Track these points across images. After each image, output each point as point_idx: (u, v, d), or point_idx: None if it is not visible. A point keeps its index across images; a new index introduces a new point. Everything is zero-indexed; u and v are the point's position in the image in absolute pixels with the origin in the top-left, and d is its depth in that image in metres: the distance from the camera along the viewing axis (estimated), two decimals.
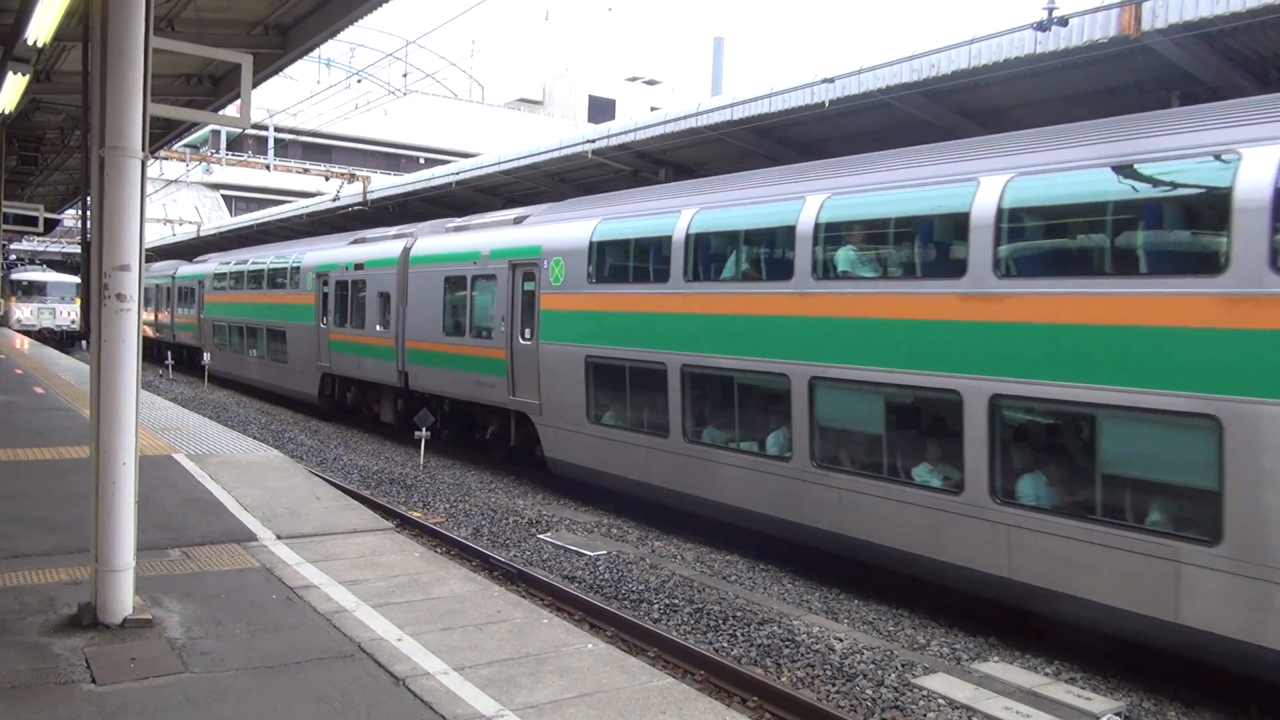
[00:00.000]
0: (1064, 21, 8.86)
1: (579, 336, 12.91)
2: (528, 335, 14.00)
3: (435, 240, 17.48)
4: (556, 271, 13.28)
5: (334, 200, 25.70)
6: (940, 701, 6.94)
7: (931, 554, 8.66)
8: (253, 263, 26.32)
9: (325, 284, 20.90)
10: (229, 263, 28.73)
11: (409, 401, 18.14)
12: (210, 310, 29.59)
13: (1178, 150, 7.26)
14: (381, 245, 19.18)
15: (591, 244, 12.77)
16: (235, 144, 46.13)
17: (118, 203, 5.47)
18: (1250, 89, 8.96)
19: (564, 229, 13.53)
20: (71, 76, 11.62)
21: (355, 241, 20.59)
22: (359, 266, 19.47)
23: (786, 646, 7.92)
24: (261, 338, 25.24)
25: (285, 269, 23.43)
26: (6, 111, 12.12)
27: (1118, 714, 6.86)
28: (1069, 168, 7.92)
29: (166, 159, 31.00)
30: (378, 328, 18.44)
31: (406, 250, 17.87)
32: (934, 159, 9.26)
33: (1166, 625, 6.95)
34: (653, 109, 22.60)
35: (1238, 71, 9.11)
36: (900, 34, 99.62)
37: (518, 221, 15.11)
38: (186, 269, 33.55)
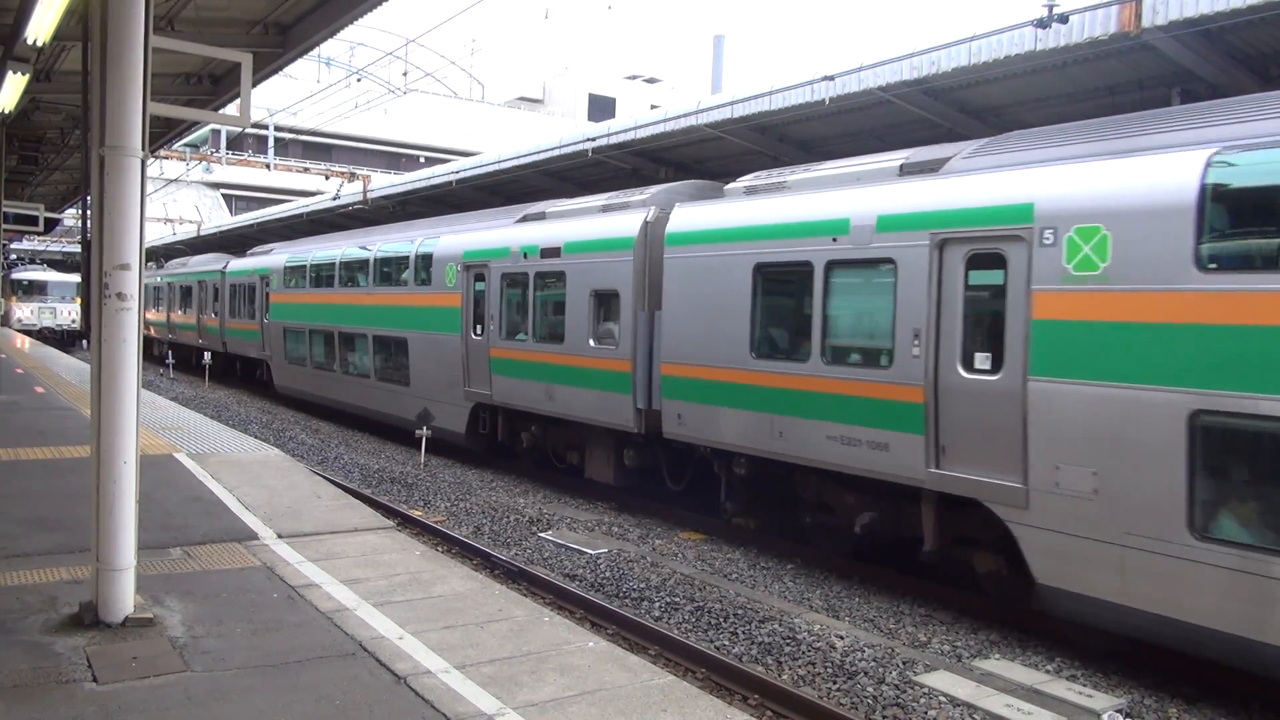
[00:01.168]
0: (1064, 18, 8.86)
1: (1163, 373, 6.96)
2: (985, 364, 8.20)
3: (721, 209, 11.12)
4: (1084, 251, 7.43)
5: (334, 199, 25.69)
6: (941, 699, 6.94)
7: None
8: (348, 253, 20.24)
9: (481, 279, 15.15)
10: (308, 253, 22.33)
11: (650, 454, 12.56)
12: (279, 313, 23.37)
13: None
14: (594, 222, 13.15)
15: (1206, 190, 6.84)
16: (235, 143, 46.12)
17: (118, 202, 5.48)
18: (1251, 86, 8.97)
19: (1098, 174, 7.57)
20: (71, 76, 11.61)
21: (527, 219, 14.85)
22: (550, 253, 13.60)
23: (788, 644, 7.92)
24: (364, 351, 19.18)
25: (405, 259, 17.59)
26: (6, 111, 12.11)
27: (1119, 711, 6.86)
28: None
29: (166, 158, 30.93)
30: (592, 343, 12.73)
31: (651, 224, 12.06)
32: None
33: None
34: (653, 107, 22.50)
35: (1238, 68, 9.11)
36: (900, 32, 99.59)
37: (913, 171, 9.27)
38: (241, 263, 27.31)
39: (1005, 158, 8.55)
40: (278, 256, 24.17)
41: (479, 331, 15.19)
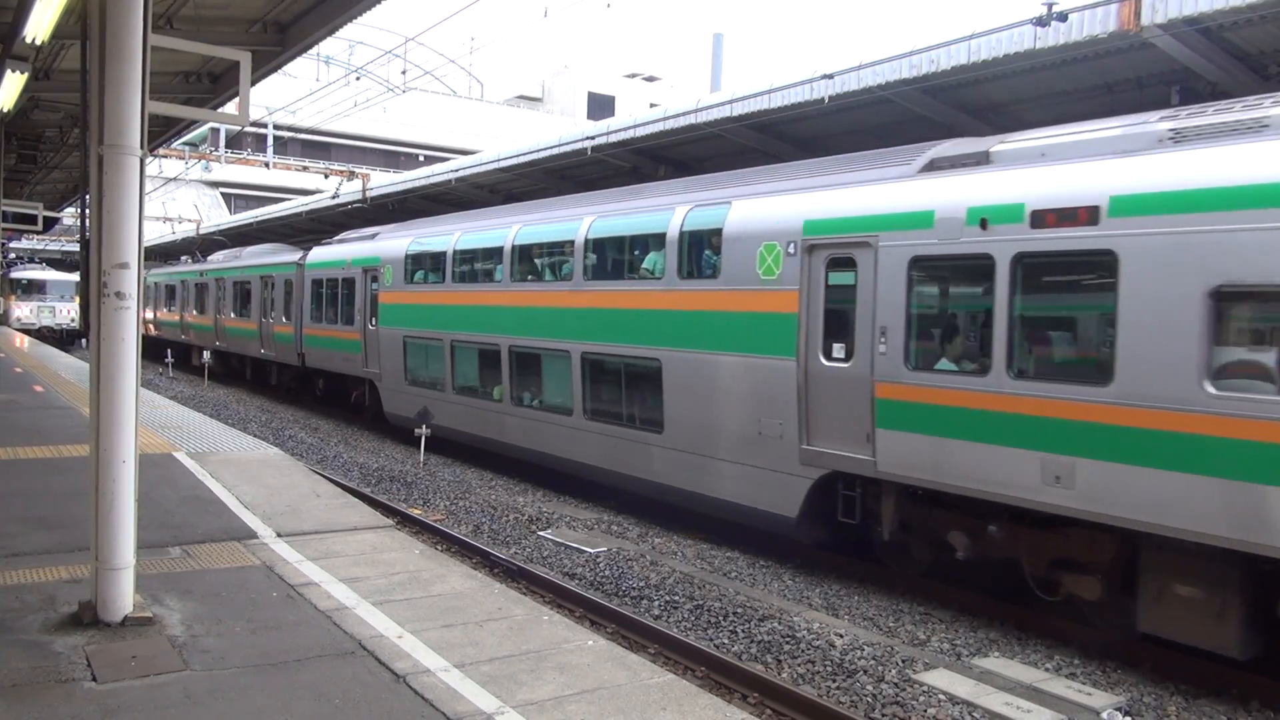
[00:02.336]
0: (1063, 17, 8.88)
1: None
2: None
3: None
4: None
5: (334, 198, 25.70)
6: (941, 697, 6.94)
7: None
8: (529, 231, 14.29)
9: (843, 266, 9.36)
10: (449, 234, 16.31)
11: None
12: (395, 318, 17.71)
13: None
14: (1173, 160, 7.26)
15: None
16: (234, 142, 46.12)
17: (117, 201, 5.47)
18: (1252, 84, 8.97)
19: None
20: (70, 74, 11.62)
21: (939, 167, 8.94)
22: (1063, 217, 7.72)
23: (787, 643, 7.93)
24: (562, 376, 13.24)
25: (654, 239, 11.69)
26: (5, 109, 12.11)
27: (1118, 709, 6.87)
28: None
29: (165, 157, 30.92)
30: (1209, 389, 6.82)
31: None
32: None
33: None
34: (652, 105, 22.43)
35: (1237, 66, 9.12)
36: (900, 30, 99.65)
37: None
38: (329, 252, 21.26)
39: None
40: (393, 240, 18.35)
41: (840, 354, 9.34)
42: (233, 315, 27.64)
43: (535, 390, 14.13)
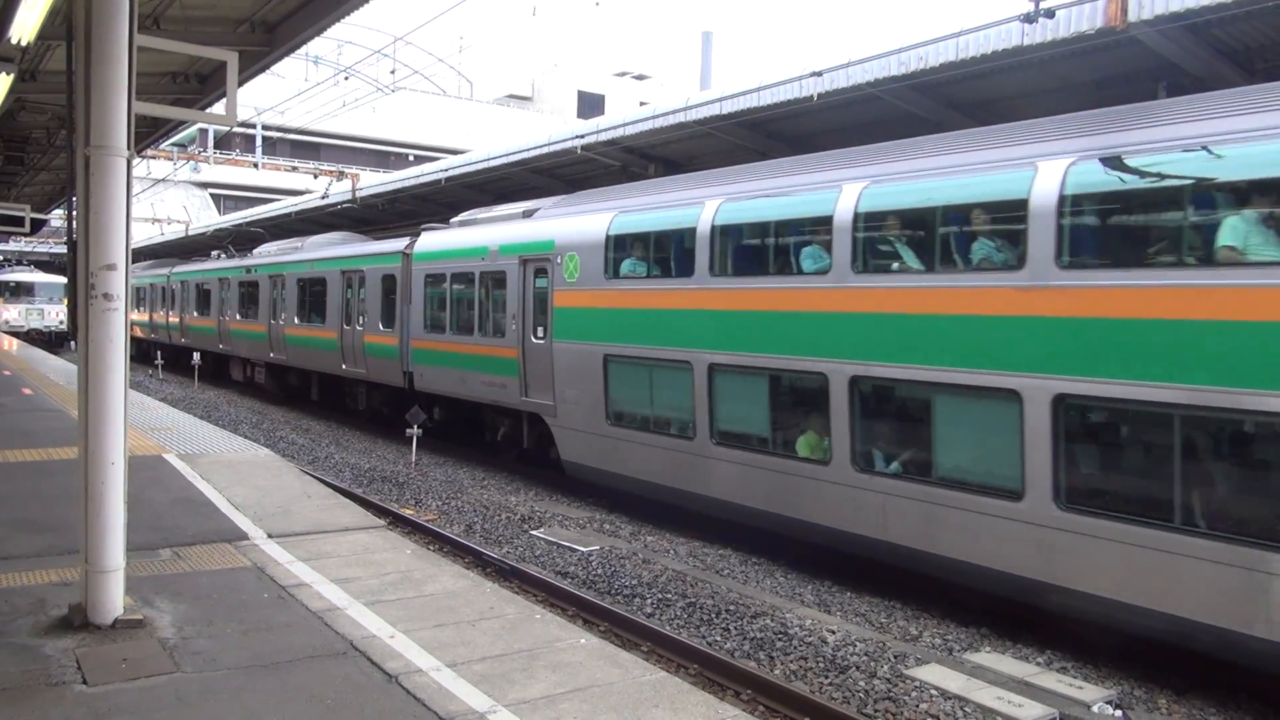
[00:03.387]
0: (1050, 14, 8.90)
1: None
2: None
3: None
4: None
5: (323, 198, 25.62)
6: (933, 692, 6.96)
7: None
8: (881, 190, 9.08)
9: None
10: (698, 204, 10.99)
11: None
12: (587, 328, 12.65)
13: None
14: None
15: None
16: (223, 142, 45.93)
17: (104, 202, 5.45)
18: (1237, 79, 9.01)
19: None
20: (57, 75, 11.55)
21: None
22: None
23: (780, 639, 7.94)
24: (1006, 432, 7.83)
25: None
26: None
27: (1109, 702, 6.90)
28: None
29: (153, 158, 30.69)
30: None
31: None
32: None
33: None
34: (642, 104, 22.39)
35: (1224, 62, 9.16)
36: (888, 27, 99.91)
37: None
38: (448, 238, 16.54)
39: None
40: (578, 217, 13.18)
41: None
42: (296, 321, 22.10)
43: (906, 449, 9.08)
